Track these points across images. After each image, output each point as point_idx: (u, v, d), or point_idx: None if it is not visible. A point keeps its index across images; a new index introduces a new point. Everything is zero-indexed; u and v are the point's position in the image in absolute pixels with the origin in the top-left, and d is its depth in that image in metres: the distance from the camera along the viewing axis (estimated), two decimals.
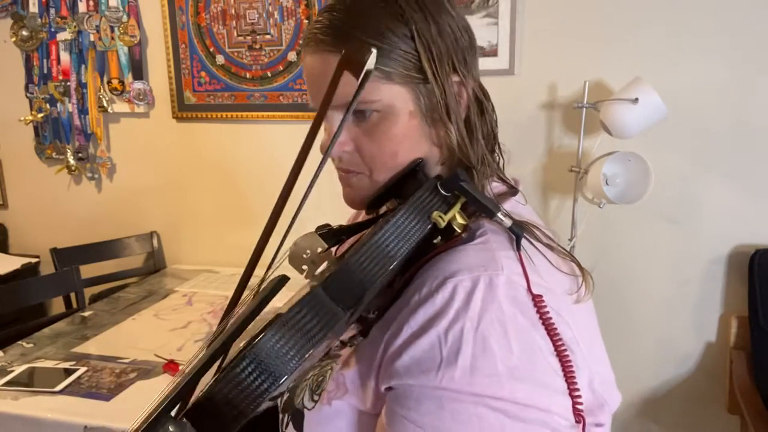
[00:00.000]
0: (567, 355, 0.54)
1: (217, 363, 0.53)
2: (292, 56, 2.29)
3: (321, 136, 0.64)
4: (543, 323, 0.54)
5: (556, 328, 0.54)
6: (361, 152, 0.64)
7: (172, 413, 0.47)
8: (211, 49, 2.37)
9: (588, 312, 0.64)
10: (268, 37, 2.30)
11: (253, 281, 0.60)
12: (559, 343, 0.54)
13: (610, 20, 1.99)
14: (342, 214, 0.88)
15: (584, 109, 1.95)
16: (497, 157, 0.70)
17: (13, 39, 2.53)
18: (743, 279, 2.00)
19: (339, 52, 0.58)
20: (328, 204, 0.94)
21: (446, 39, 0.62)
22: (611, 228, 2.09)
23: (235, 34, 2.33)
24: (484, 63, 2.16)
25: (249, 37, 2.32)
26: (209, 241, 2.56)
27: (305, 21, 2.25)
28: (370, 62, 0.51)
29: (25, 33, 2.51)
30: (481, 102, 0.67)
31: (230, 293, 0.57)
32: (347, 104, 0.59)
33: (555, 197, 2.15)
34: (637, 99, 1.75)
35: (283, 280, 0.58)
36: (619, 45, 1.99)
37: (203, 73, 2.40)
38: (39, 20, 2.48)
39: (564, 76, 2.05)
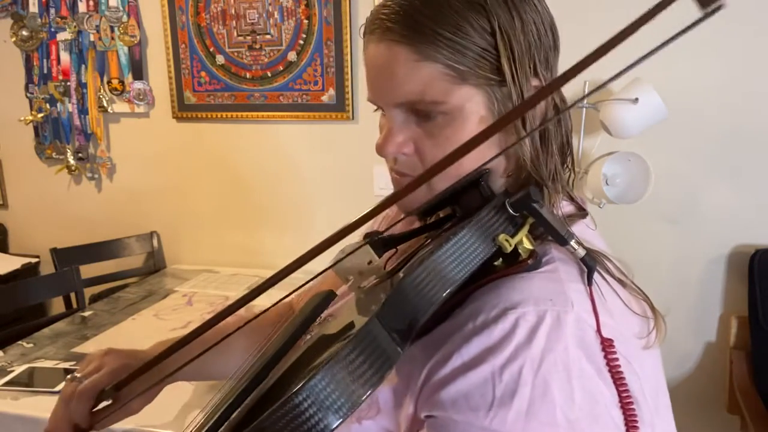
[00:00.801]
0: (633, 409, 0.49)
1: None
2: (292, 56, 2.29)
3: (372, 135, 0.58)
4: (610, 371, 0.49)
5: (624, 378, 0.49)
6: (421, 155, 0.57)
7: None
8: (211, 49, 2.37)
9: (656, 359, 0.58)
10: (268, 37, 2.30)
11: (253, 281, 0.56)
12: (626, 394, 0.49)
13: (609, 20, 1.98)
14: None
15: (584, 109, 1.95)
16: (568, 171, 0.62)
17: (13, 39, 2.53)
18: (743, 279, 2.00)
19: (408, 45, 0.53)
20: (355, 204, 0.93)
21: (529, 37, 0.55)
22: (611, 228, 2.08)
23: (235, 34, 2.33)
24: None
25: (249, 37, 2.32)
26: (209, 241, 2.56)
27: (305, 21, 2.25)
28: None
29: (25, 33, 2.51)
30: (559, 110, 0.60)
31: (230, 293, 0.55)
32: (414, 102, 0.55)
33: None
34: (637, 99, 1.75)
35: (329, 296, 0.55)
36: (619, 45, 1.98)
37: (203, 73, 2.40)
38: (39, 20, 2.48)
39: None
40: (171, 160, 2.53)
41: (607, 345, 0.49)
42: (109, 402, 0.66)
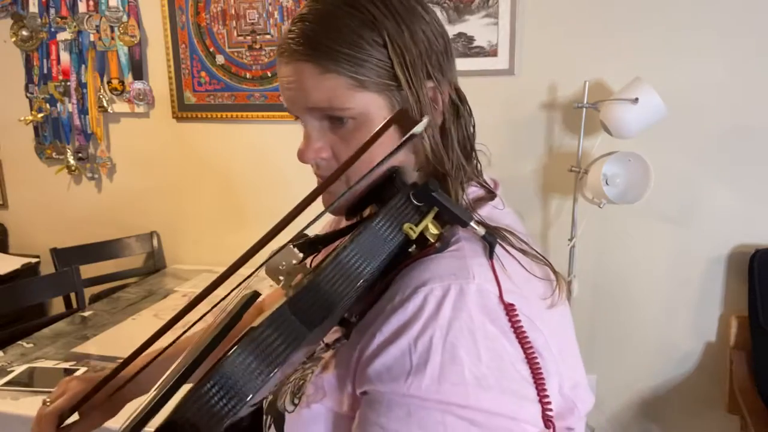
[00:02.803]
0: (537, 363, 0.55)
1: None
2: None
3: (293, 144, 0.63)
4: (514, 331, 0.55)
5: (526, 336, 0.55)
6: (338, 159, 0.64)
7: None
8: (211, 49, 2.37)
9: (562, 316, 0.64)
10: (268, 37, 2.30)
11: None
12: (530, 350, 0.55)
13: (610, 20, 1.99)
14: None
15: (584, 109, 1.95)
16: (474, 161, 0.69)
17: (13, 39, 2.53)
18: (743, 279, 2.00)
19: (313, 62, 0.60)
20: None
21: (419, 45, 0.62)
22: (611, 228, 2.09)
23: (235, 34, 2.33)
24: (484, 63, 2.17)
25: (249, 37, 2.32)
26: (209, 241, 2.56)
27: None
28: (419, 127, 0.54)
29: (25, 33, 2.51)
30: (458, 107, 0.67)
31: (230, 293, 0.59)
32: (324, 109, 0.61)
33: (555, 197, 2.15)
34: (637, 99, 1.75)
35: (254, 297, 0.60)
36: (619, 45, 1.99)
37: (203, 73, 2.40)
38: (39, 20, 2.48)
39: (564, 76, 2.05)
40: (171, 160, 2.53)
41: (509, 309, 0.55)
42: (77, 418, 0.78)
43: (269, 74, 2.33)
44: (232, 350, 0.46)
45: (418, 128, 0.54)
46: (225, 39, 2.35)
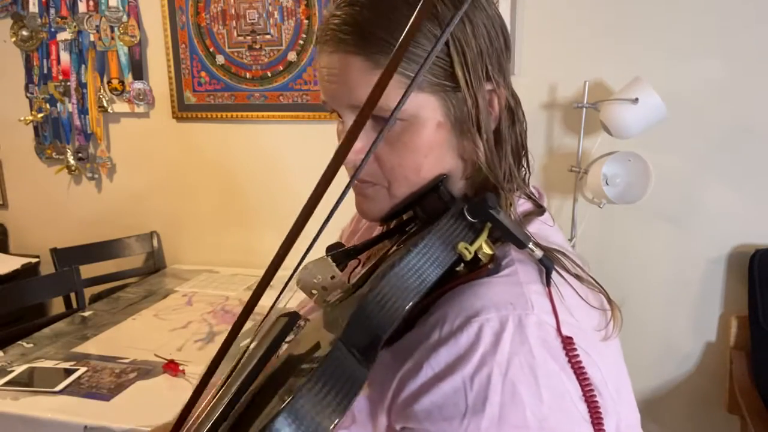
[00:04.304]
0: (596, 401, 0.51)
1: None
2: (292, 56, 2.29)
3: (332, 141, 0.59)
4: (572, 366, 0.50)
5: (585, 372, 0.50)
6: (380, 162, 0.58)
7: None
8: (211, 49, 2.37)
9: (616, 349, 0.60)
10: (268, 37, 2.30)
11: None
12: (588, 387, 0.50)
13: (610, 20, 1.99)
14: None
15: (584, 109, 1.95)
16: (524, 170, 0.63)
17: (13, 39, 2.53)
18: (743, 279, 2.00)
19: (362, 55, 0.53)
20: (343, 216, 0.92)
21: (481, 42, 0.55)
22: (611, 228, 2.09)
23: (235, 34, 2.33)
24: None
25: (249, 37, 2.32)
26: (209, 241, 2.56)
27: (305, 21, 2.25)
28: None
29: (25, 33, 2.51)
30: (513, 111, 0.61)
31: (230, 293, 0.56)
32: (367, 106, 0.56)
33: (555, 197, 2.15)
34: (637, 99, 1.75)
35: (294, 318, 0.55)
36: (619, 45, 1.99)
37: (203, 73, 2.40)
38: (39, 20, 2.48)
39: (564, 76, 2.05)
40: (171, 160, 2.53)
41: (567, 343, 0.50)
42: None
43: (269, 74, 2.33)
44: (277, 417, 0.39)
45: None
46: (225, 39, 2.34)
